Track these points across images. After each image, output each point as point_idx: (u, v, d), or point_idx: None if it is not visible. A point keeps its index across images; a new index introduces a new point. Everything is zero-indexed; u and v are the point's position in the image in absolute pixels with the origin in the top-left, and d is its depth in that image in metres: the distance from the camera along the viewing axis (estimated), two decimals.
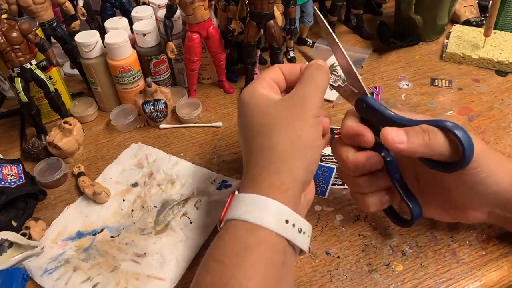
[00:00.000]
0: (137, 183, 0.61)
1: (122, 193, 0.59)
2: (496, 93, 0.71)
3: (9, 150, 0.69)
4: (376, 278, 0.48)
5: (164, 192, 0.59)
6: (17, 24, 0.60)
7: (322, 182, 0.59)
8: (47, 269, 0.51)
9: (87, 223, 0.56)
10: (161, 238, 0.53)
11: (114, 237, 0.54)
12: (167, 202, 0.58)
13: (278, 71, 0.49)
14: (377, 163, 0.45)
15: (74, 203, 0.59)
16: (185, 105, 0.72)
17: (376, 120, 0.45)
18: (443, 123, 0.40)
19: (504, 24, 0.81)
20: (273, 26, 0.67)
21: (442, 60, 0.80)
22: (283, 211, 0.40)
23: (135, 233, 0.54)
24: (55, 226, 0.56)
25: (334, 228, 0.54)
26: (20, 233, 0.54)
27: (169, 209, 0.57)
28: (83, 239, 0.54)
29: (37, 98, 0.69)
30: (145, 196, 0.59)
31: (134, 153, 0.65)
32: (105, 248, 0.53)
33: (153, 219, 0.56)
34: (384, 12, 0.94)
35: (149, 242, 0.53)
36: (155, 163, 0.63)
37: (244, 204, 0.40)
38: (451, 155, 0.40)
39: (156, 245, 0.53)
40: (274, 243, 0.39)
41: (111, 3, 0.78)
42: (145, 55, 0.71)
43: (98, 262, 0.52)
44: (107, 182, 0.61)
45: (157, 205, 0.57)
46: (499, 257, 0.49)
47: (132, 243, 0.53)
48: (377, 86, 0.75)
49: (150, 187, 0.60)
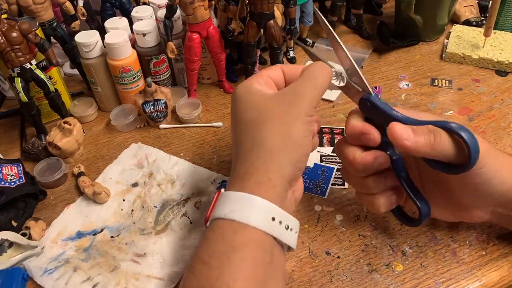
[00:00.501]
0: (137, 183, 0.61)
1: (122, 193, 0.59)
2: (496, 93, 0.71)
3: (9, 150, 0.69)
4: (376, 278, 0.48)
5: (164, 192, 0.59)
6: (17, 24, 0.60)
7: (322, 182, 0.59)
8: (47, 269, 0.51)
9: (87, 223, 0.56)
10: (161, 238, 0.53)
11: (114, 237, 0.54)
12: (167, 202, 0.58)
13: (278, 70, 0.48)
14: (385, 162, 0.45)
15: (74, 203, 0.59)
16: (185, 105, 0.72)
17: (381, 119, 0.45)
18: (448, 124, 0.40)
19: (504, 24, 0.81)
20: (273, 26, 0.67)
21: (442, 60, 0.80)
22: (270, 209, 0.39)
23: (135, 233, 0.54)
24: (55, 226, 0.56)
25: (334, 228, 0.54)
26: (20, 233, 0.54)
27: (169, 209, 0.57)
28: (83, 239, 0.54)
29: (37, 98, 0.69)
30: (145, 196, 0.59)
31: (134, 153, 0.65)
32: (105, 248, 0.53)
33: (153, 219, 0.56)
34: (384, 12, 0.94)
35: (149, 242, 0.53)
36: (155, 163, 0.63)
37: (230, 202, 0.40)
38: (456, 156, 0.40)
39: (156, 245, 0.53)
40: (261, 241, 0.39)
41: (111, 3, 0.78)
42: (145, 55, 0.71)
43: (98, 262, 0.52)
44: (107, 182, 0.61)
45: (157, 205, 0.57)
46: (499, 257, 0.49)
47: (132, 243, 0.53)
48: (377, 86, 0.75)
49: (150, 187, 0.60)
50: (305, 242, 0.52)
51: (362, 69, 0.79)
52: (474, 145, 0.39)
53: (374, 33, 0.86)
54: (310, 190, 0.58)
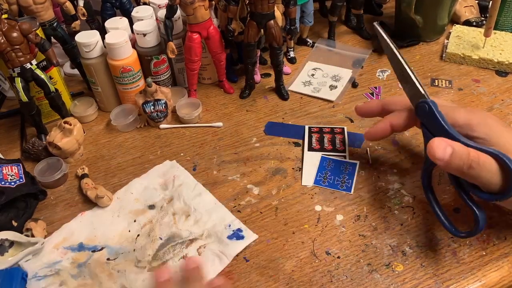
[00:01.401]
0: (154, 205, 0.58)
1: (136, 213, 0.58)
2: (496, 93, 0.71)
3: (9, 150, 0.69)
4: (376, 278, 0.48)
5: (176, 224, 0.56)
6: (18, 24, 0.61)
7: (347, 178, 0.59)
8: (37, 274, 0.51)
9: (92, 236, 0.55)
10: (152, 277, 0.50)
11: (110, 260, 0.53)
12: (173, 237, 0.54)
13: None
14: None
15: (89, 211, 0.58)
16: (185, 105, 0.72)
17: (433, 129, 0.47)
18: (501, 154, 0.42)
19: (504, 24, 0.81)
20: (273, 26, 0.67)
21: (442, 60, 0.80)
22: None
23: (131, 262, 0.52)
24: (64, 230, 0.56)
25: (334, 228, 0.54)
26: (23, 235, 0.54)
27: (172, 246, 0.53)
28: (82, 253, 0.54)
29: (37, 98, 0.69)
30: (156, 222, 0.56)
31: (164, 171, 0.63)
32: (97, 271, 0.52)
33: (153, 252, 0.53)
34: (384, 12, 0.94)
35: (139, 278, 0.51)
36: (180, 188, 0.60)
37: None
38: (496, 186, 0.42)
39: (144, 283, 0.50)
40: None
41: (111, 3, 0.78)
42: (145, 55, 0.71)
43: (85, 283, 0.50)
44: (127, 196, 0.59)
45: (163, 237, 0.54)
46: (499, 257, 0.49)
47: (124, 273, 0.51)
48: (377, 86, 0.75)
49: (165, 214, 0.57)
50: (305, 242, 0.52)
51: (362, 69, 0.79)
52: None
53: (374, 33, 0.86)
54: (335, 187, 0.58)
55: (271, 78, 0.78)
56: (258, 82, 0.78)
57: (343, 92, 0.74)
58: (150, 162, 0.65)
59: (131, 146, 0.68)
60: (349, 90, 0.75)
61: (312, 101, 0.73)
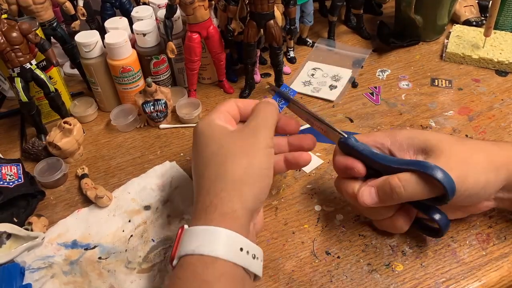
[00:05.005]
0: (150, 206, 0.58)
1: (132, 213, 0.57)
2: (496, 93, 0.71)
3: (9, 150, 0.69)
4: (376, 278, 0.48)
5: (169, 226, 0.55)
6: (17, 24, 0.60)
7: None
8: (30, 266, 0.51)
9: (86, 234, 0.55)
10: (140, 279, 0.50)
11: (101, 259, 0.53)
12: (165, 240, 0.54)
13: (234, 105, 0.51)
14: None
15: (86, 208, 0.58)
16: (185, 105, 0.72)
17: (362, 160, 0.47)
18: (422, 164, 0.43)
19: (504, 24, 0.81)
20: (273, 26, 0.67)
21: (442, 60, 0.80)
22: (237, 239, 0.40)
23: (121, 263, 0.52)
24: (60, 226, 0.56)
25: (334, 228, 0.54)
26: (23, 228, 0.54)
27: (163, 249, 0.53)
28: (74, 250, 0.54)
29: (37, 98, 0.69)
30: (150, 224, 0.56)
31: (163, 172, 0.62)
32: (88, 269, 0.52)
33: (144, 254, 0.53)
34: (384, 12, 0.94)
35: (127, 279, 0.50)
36: (176, 190, 0.59)
37: (196, 237, 0.40)
38: (430, 193, 0.43)
39: (133, 285, 0.50)
40: (232, 273, 0.39)
41: (111, 3, 0.78)
42: (145, 55, 0.71)
43: (75, 280, 0.50)
44: (125, 196, 0.59)
45: (155, 239, 0.54)
46: (499, 257, 0.49)
47: (113, 273, 0.51)
48: (377, 86, 0.75)
49: (159, 216, 0.57)
50: (305, 242, 0.52)
51: (362, 69, 0.79)
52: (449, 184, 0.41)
53: (374, 33, 0.86)
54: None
55: (271, 78, 0.78)
56: (258, 82, 0.78)
57: (343, 92, 0.74)
58: (150, 162, 0.65)
59: (131, 146, 0.68)
60: (349, 90, 0.75)
61: (312, 101, 0.73)
